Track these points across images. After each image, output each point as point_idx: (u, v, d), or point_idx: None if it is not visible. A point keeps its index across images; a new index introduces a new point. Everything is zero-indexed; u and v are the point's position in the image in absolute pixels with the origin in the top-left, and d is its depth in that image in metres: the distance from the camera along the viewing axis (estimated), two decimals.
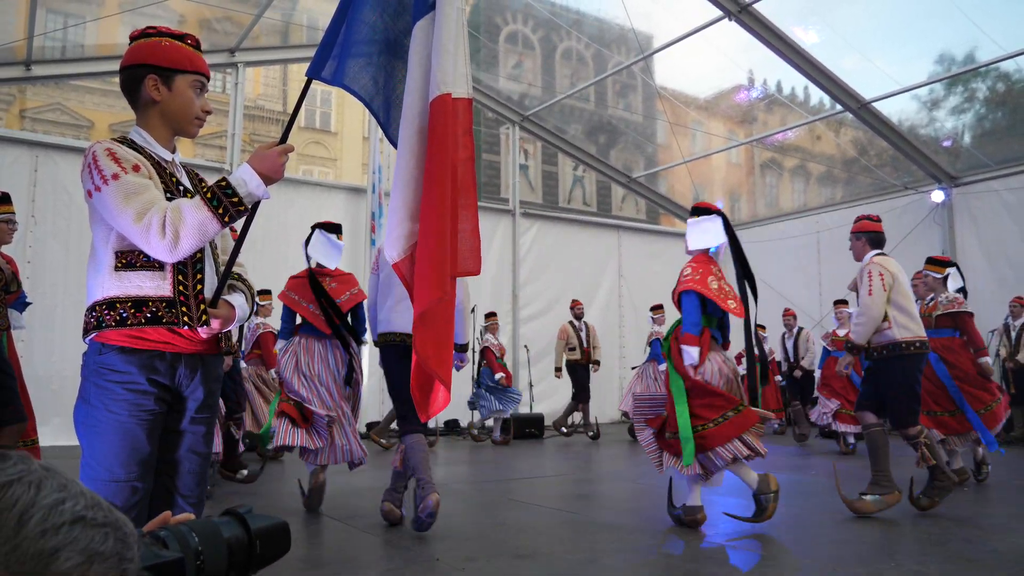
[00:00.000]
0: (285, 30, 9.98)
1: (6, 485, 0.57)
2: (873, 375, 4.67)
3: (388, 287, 4.17)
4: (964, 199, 9.86)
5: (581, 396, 9.58)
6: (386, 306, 4.16)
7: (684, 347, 4.06)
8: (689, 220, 4.37)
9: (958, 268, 5.80)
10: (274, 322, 6.68)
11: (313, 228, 4.76)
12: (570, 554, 3.45)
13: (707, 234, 4.28)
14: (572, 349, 9.60)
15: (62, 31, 9.29)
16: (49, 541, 0.57)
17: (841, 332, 8.44)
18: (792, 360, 9.35)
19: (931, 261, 5.90)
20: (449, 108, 2.10)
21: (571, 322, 9.78)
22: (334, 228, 4.80)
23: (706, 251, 4.29)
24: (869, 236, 4.82)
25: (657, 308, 9.79)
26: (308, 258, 4.65)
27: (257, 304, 7.48)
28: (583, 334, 9.64)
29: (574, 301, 9.96)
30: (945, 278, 5.69)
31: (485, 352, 9.36)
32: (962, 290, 5.73)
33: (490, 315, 9.73)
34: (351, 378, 4.67)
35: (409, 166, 2.21)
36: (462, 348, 4.31)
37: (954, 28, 8.29)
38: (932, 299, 5.73)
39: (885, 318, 4.48)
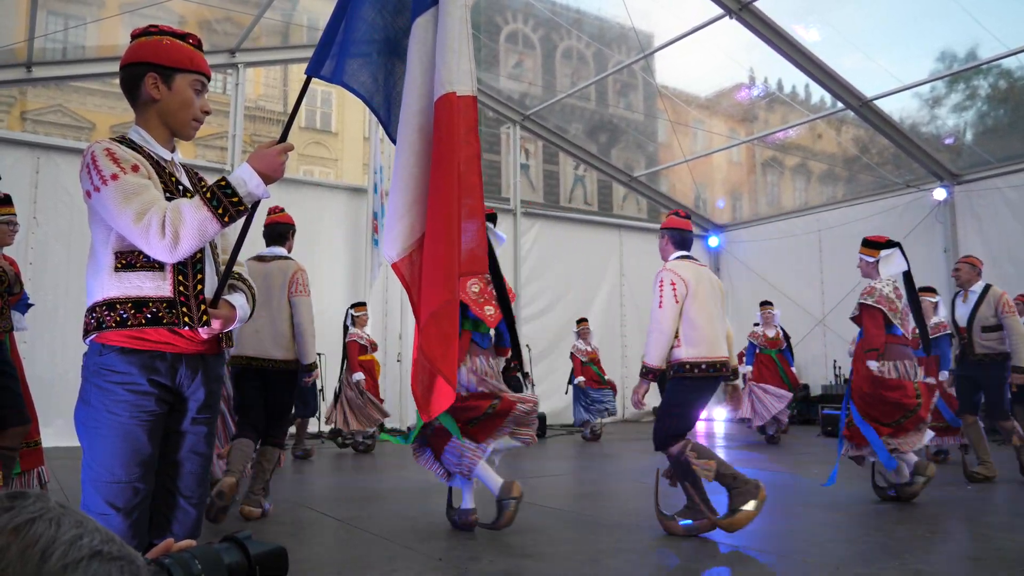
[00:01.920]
0: (285, 30, 9.98)
1: (29, 522, 0.60)
2: None
3: None
4: (966, 197, 9.85)
5: None
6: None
7: None
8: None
9: (902, 249, 4.79)
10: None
11: None
12: (573, 554, 3.44)
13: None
14: None
15: (63, 32, 9.29)
16: (70, 575, 0.59)
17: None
18: None
19: (865, 243, 4.89)
20: (456, 107, 2.09)
21: None
22: None
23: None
24: (672, 234, 4.15)
25: (765, 304, 9.17)
26: None
27: (352, 315, 7.64)
28: None
29: None
30: (877, 262, 4.74)
31: (572, 358, 9.54)
32: (907, 275, 4.76)
33: (581, 320, 9.74)
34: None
35: (409, 164, 2.19)
36: (307, 368, 4.23)
37: (955, 25, 8.28)
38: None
39: (676, 335, 3.89)
